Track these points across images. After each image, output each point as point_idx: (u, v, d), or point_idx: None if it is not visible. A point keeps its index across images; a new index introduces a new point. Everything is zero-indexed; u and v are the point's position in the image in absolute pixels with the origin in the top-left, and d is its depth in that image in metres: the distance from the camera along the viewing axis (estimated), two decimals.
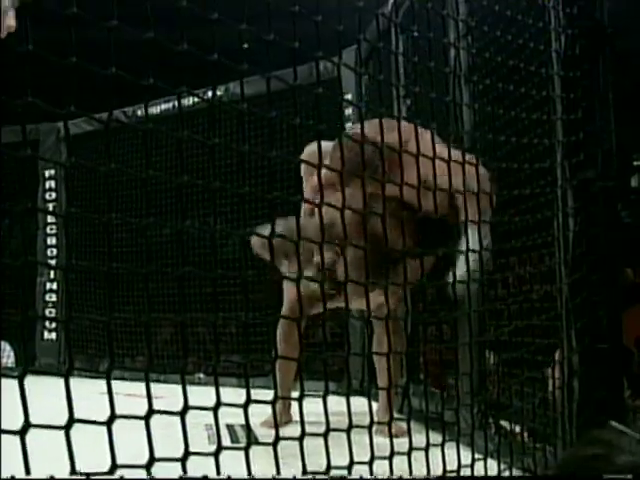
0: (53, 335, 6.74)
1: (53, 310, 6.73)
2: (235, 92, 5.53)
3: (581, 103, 2.21)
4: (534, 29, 2.41)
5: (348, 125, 5.06)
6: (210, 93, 5.61)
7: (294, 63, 1.60)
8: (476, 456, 2.26)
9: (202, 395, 1.46)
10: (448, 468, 1.89)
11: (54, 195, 6.79)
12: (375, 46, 2.90)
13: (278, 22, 1.52)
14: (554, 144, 2.27)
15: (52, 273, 6.82)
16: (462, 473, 1.95)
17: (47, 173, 6.76)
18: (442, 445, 1.85)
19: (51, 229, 6.77)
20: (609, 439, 1.37)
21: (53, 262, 6.81)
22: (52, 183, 6.78)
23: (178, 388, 1.34)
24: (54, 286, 6.77)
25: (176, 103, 5.53)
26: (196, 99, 5.17)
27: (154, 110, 6.01)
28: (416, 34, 2.39)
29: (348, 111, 5.10)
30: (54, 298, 6.76)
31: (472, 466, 2.06)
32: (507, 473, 2.24)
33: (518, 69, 2.42)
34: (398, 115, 2.28)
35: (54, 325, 6.73)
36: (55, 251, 6.78)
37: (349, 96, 4.84)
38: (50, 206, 6.74)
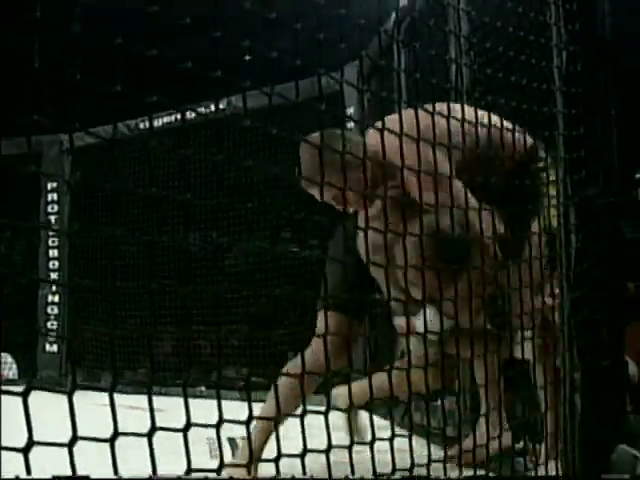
0: (54, 347, 6.74)
1: (55, 323, 6.74)
2: (238, 105, 5.54)
3: (583, 120, 2.21)
4: (536, 45, 2.42)
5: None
6: (213, 107, 5.66)
7: (296, 80, 1.61)
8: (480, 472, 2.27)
9: (204, 408, 1.46)
10: None
11: (56, 208, 6.79)
12: (376, 63, 2.91)
13: (281, 34, 1.53)
14: (556, 160, 2.27)
15: (54, 286, 6.83)
16: None
17: (49, 185, 6.77)
18: (444, 461, 1.85)
19: (53, 242, 6.78)
20: None
21: (55, 275, 6.80)
22: (54, 196, 6.79)
23: (180, 401, 1.34)
24: (56, 299, 6.77)
25: (179, 116, 5.55)
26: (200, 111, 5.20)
27: (156, 123, 6.03)
28: (417, 47, 2.39)
29: (350, 124, 5.11)
30: (56, 311, 6.77)
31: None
32: None
33: (520, 85, 2.43)
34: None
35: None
36: (57, 264, 6.79)
37: (351, 110, 4.86)
38: (52, 219, 6.75)
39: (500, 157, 2.46)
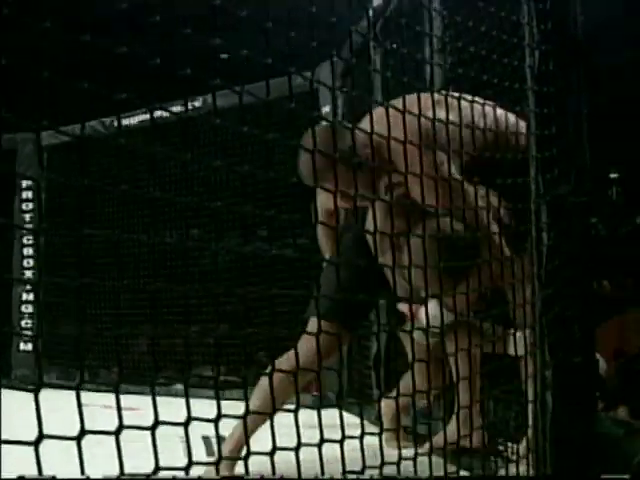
0: (29, 346, 6.70)
1: (29, 321, 6.70)
2: (213, 103, 5.51)
3: (555, 119, 2.23)
4: (510, 44, 2.44)
5: None
6: (188, 104, 5.64)
7: (267, 79, 1.61)
8: (452, 469, 2.28)
9: (180, 407, 1.45)
10: None
11: (31, 205, 6.76)
12: (349, 62, 2.91)
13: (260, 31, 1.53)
14: (528, 159, 2.29)
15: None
16: None
17: (24, 183, 6.73)
18: (414, 459, 1.86)
19: (28, 240, 6.74)
20: None
21: (30, 273, 6.77)
22: (29, 193, 6.76)
23: (156, 400, 1.34)
24: (30, 297, 6.73)
25: (156, 113, 5.53)
26: (177, 109, 5.18)
27: (132, 121, 6.00)
28: (390, 48, 2.40)
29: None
30: (30, 309, 6.73)
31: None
32: None
33: (492, 83, 2.45)
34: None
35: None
36: (32, 262, 6.75)
37: (326, 109, 4.85)
38: (27, 217, 6.72)
39: (508, 146, 2.48)
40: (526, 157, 2.32)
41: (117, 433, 1.12)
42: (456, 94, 2.32)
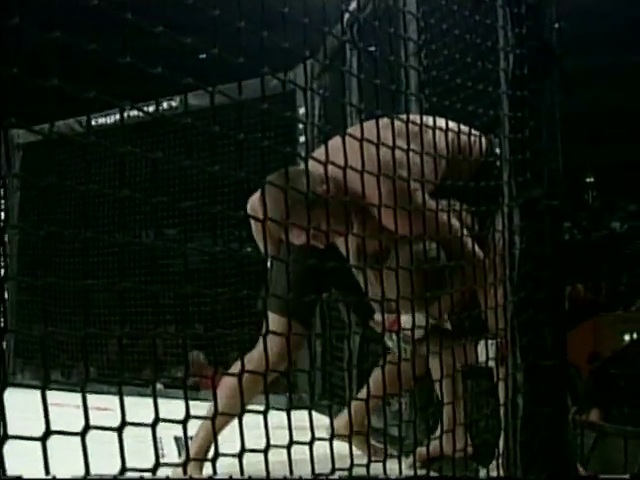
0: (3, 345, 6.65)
1: (2, 320, 6.64)
2: (192, 103, 5.47)
3: (528, 122, 2.23)
4: (484, 48, 2.45)
5: (301, 139, 5.05)
6: (165, 104, 5.62)
7: (239, 81, 1.60)
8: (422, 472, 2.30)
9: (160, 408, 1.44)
10: None
11: (3, 204, 6.70)
12: (324, 64, 2.92)
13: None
14: (501, 162, 2.30)
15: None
16: None
17: None
18: (384, 461, 1.86)
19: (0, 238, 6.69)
20: None
21: (2, 272, 6.71)
22: (1, 191, 6.70)
23: (129, 400, 1.33)
24: (4, 296, 6.67)
25: (133, 112, 5.49)
26: (162, 106, 5.17)
27: (109, 120, 5.96)
28: (366, 50, 2.40)
29: (300, 125, 5.07)
30: (2, 308, 6.66)
31: None
32: None
33: (466, 86, 2.46)
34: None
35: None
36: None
37: (302, 110, 4.83)
38: (2, 215, 6.66)
39: (465, 161, 2.51)
40: (485, 164, 2.36)
41: (83, 434, 1.11)
42: (409, 118, 2.30)
